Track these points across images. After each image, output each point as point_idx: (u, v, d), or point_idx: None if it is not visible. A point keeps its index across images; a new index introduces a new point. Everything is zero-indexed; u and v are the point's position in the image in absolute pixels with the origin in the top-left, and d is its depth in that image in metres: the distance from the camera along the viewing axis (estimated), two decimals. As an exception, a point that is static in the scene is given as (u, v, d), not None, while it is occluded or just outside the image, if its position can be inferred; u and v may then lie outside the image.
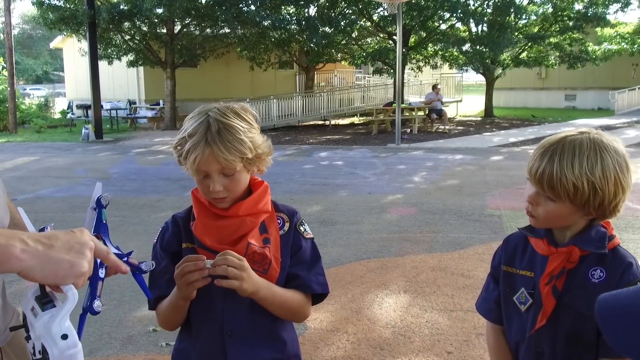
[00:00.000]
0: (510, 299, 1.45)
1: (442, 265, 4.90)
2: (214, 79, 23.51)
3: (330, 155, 12.67)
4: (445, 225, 6.24)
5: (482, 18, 20.15)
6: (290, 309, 1.48)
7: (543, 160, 1.30)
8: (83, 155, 13.40)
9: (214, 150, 1.35)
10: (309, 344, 3.47)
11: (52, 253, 0.97)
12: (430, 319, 3.81)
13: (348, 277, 4.64)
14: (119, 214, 6.99)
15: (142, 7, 17.07)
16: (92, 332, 3.64)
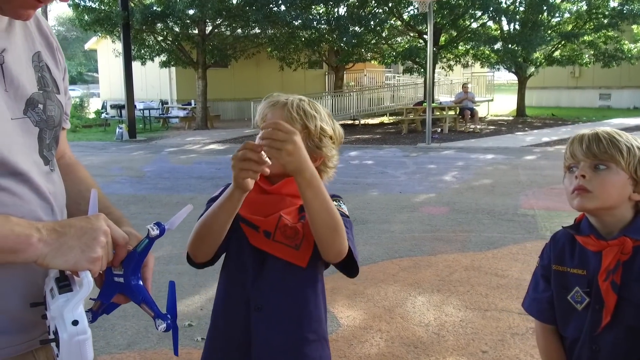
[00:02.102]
0: (565, 299, 1.43)
1: (476, 265, 4.86)
2: (245, 78, 23.69)
3: (360, 155, 12.65)
4: (478, 225, 6.18)
5: (515, 16, 19.86)
6: (337, 220, 1.34)
7: (585, 138, 1.37)
8: (117, 154, 13.64)
9: (285, 106, 1.45)
10: (343, 341, 3.48)
11: (64, 240, 1.00)
12: (464, 318, 3.78)
13: (380, 275, 4.64)
14: (153, 212, 7.11)
15: (175, 8, 17.30)
16: (130, 326, 3.72)
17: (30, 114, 1.12)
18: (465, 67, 22.76)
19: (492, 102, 24.43)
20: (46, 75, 1.20)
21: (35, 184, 1.10)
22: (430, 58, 14.41)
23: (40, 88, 1.16)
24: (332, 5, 19.92)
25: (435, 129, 16.49)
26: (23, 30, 1.17)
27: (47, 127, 1.16)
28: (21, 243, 0.96)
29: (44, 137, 1.15)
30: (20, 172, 1.07)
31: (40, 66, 1.19)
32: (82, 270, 1.00)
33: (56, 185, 1.19)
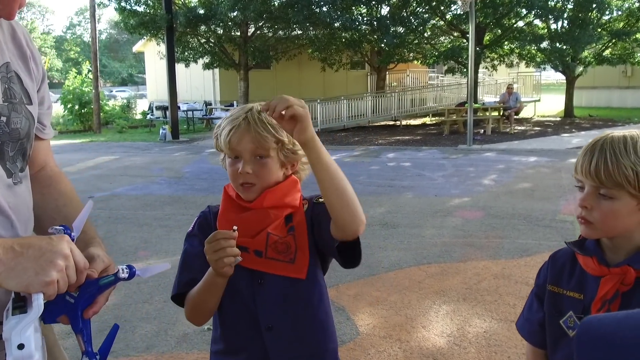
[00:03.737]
0: (557, 322, 1.33)
1: (506, 273, 4.70)
2: (287, 80, 23.79)
3: (398, 156, 12.50)
4: (513, 231, 5.99)
5: (562, 14, 19.27)
6: (350, 190, 1.28)
7: (594, 153, 1.22)
8: (159, 155, 13.89)
9: (250, 126, 1.35)
10: (360, 349, 3.41)
11: (19, 260, 0.97)
12: (488, 329, 3.65)
13: (406, 282, 4.53)
14: (187, 213, 7.18)
15: (218, 11, 17.53)
16: (150, 329, 3.74)
17: None
18: (510, 67, 22.24)
19: (539, 103, 23.80)
20: (14, 87, 1.18)
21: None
22: (472, 58, 14.12)
23: (6, 100, 1.14)
24: (374, 5, 19.79)
25: (477, 130, 16.17)
26: None
27: (10, 140, 1.14)
28: None
29: (6, 150, 1.13)
30: None
31: (9, 77, 1.17)
32: (35, 293, 0.98)
33: (19, 198, 1.17)
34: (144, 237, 6.08)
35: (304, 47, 20.43)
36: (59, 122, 22.36)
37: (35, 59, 1.27)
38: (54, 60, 60.46)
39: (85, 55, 26.46)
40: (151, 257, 5.40)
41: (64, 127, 21.76)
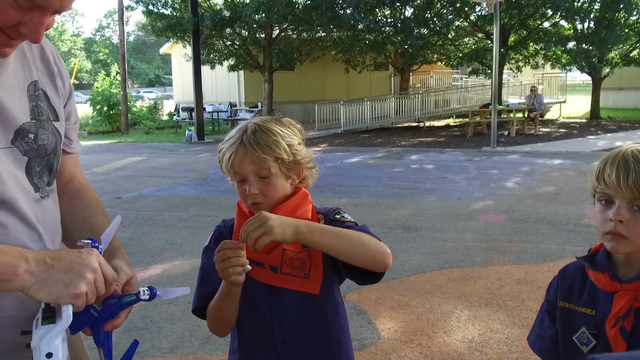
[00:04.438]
0: (570, 339, 1.31)
1: (529, 278, 4.65)
2: (311, 81, 23.85)
3: (421, 158, 12.45)
4: (536, 235, 5.92)
5: (589, 14, 18.97)
6: (357, 242, 1.33)
7: (628, 166, 1.19)
8: (185, 156, 14.04)
9: (247, 149, 1.37)
10: (381, 354, 3.41)
11: (50, 273, 1.00)
12: (510, 335, 3.62)
13: (428, 286, 4.52)
14: (212, 214, 7.26)
15: (243, 13, 17.65)
16: (175, 330, 3.80)
17: (19, 143, 1.14)
18: (535, 68, 21.97)
19: (565, 104, 23.47)
20: (42, 104, 1.21)
21: (21, 212, 1.12)
22: (497, 59, 13.99)
23: (34, 117, 1.17)
24: (398, 7, 19.72)
25: (502, 131, 16.00)
26: (21, 59, 1.19)
27: (37, 156, 1.17)
28: (7, 273, 0.98)
29: (33, 166, 1.17)
30: (6, 200, 1.09)
31: (36, 95, 1.20)
32: (65, 304, 1.01)
33: (47, 211, 1.21)
34: (169, 238, 6.16)
35: (328, 48, 20.46)
36: (88, 123, 22.73)
37: (62, 76, 1.30)
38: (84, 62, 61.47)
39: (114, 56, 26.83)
40: (176, 258, 5.46)
41: (92, 128, 22.11)
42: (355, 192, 8.59)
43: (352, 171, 10.84)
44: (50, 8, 1.04)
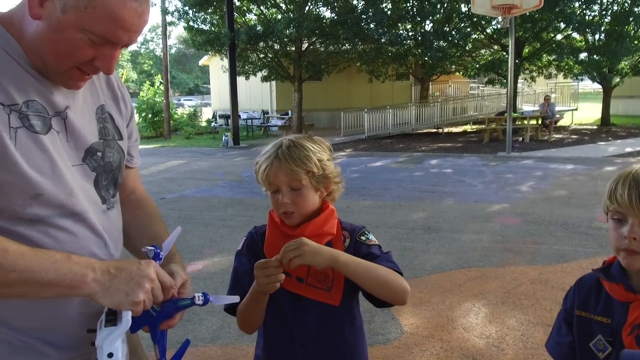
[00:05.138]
0: (587, 345, 1.31)
1: (543, 278, 4.59)
2: (337, 90, 23.86)
3: (440, 163, 12.36)
4: (550, 237, 5.84)
5: (599, 27, 18.59)
6: (382, 276, 1.37)
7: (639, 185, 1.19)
8: (222, 160, 14.18)
9: (282, 162, 1.40)
10: (404, 347, 3.41)
11: (113, 282, 1.05)
12: (526, 333, 3.58)
13: (447, 284, 4.50)
14: (247, 214, 7.32)
15: (275, 29, 17.74)
16: (215, 322, 3.85)
17: (89, 161, 1.18)
18: (548, 78, 21.62)
19: (577, 111, 23.03)
20: (108, 126, 1.26)
21: (90, 223, 1.17)
22: (512, 70, 13.80)
23: (101, 137, 1.22)
24: (419, 22, 19.62)
25: (516, 138, 15.78)
26: (89, 86, 1.23)
27: (104, 172, 1.22)
28: (77, 281, 1.02)
29: (100, 180, 1.21)
30: (78, 212, 1.14)
31: (103, 117, 1.25)
32: (125, 310, 1.05)
33: (112, 221, 1.25)
34: (209, 236, 6.24)
35: (353, 60, 20.45)
36: (134, 129, 23.06)
37: (125, 100, 1.35)
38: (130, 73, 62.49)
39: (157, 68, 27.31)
40: (215, 255, 5.53)
41: (138, 133, 22.43)
42: (378, 195, 8.58)
43: (375, 174, 10.82)
44: (120, 42, 1.09)
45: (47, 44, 1.05)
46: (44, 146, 1.08)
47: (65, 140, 1.14)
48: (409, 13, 19.45)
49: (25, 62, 1.09)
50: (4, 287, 0.98)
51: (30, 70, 1.09)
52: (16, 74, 1.07)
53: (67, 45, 1.05)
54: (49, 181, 1.08)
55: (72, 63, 1.08)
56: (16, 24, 1.09)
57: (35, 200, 1.06)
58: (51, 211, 1.09)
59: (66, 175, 1.12)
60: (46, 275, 1.00)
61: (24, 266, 0.98)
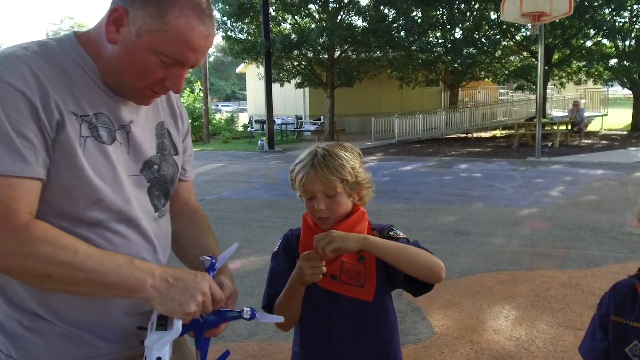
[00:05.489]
0: (622, 351, 1.29)
1: (573, 282, 4.49)
2: (368, 96, 23.80)
3: (469, 167, 12.19)
4: (580, 242, 5.70)
5: (630, 33, 18.05)
6: (414, 254, 1.36)
7: None
8: (257, 163, 14.31)
9: (318, 171, 1.42)
10: (435, 348, 3.38)
11: (170, 291, 1.08)
12: (555, 336, 3.51)
13: (477, 287, 4.44)
14: (282, 216, 7.37)
15: (309, 37, 17.82)
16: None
17: (146, 172, 1.23)
18: (577, 84, 21.11)
19: (606, 117, 22.41)
20: (166, 141, 1.30)
21: (143, 229, 1.21)
22: (541, 77, 13.52)
23: (159, 151, 1.27)
24: (449, 29, 19.42)
25: (546, 143, 15.44)
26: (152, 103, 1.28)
27: (157, 183, 1.26)
28: (137, 286, 1.07)
29: (153, 190, 1.25)
30: (133, 219, 1.18)
31: (162, 133, 1.30)
32: (176, 319, 1.08)
33: (162, 228, 1.29)
34: (246, 236, 6.30)
35: (384, 67, 20.38)
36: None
37: (182, 118, 1.40)
38: (171, 80, 63.45)
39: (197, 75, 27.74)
40: (252, 254, 5.58)
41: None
42: (408, 198, 8.52)
43: (405, 178, 10.75)
44: (189, 63, 1.14)
45: (123, 66, 1.11)
46: (108, 156, 1.13)
47: (127, 151, 1.18)
48: (439, 21, 19.28)
49: (98, 78, 1.14)
50: (72, 285, 1.03)
51: (102, 85, 1.15)
52: (89, 88, 1.13)
53: (141, 66, 1.10)
54: (110, 188, 1.12)
55: (145, 83, 1.14)
56: (92, 44, 1.15)
57: (96, 205, 1.11)
58: (109, 216, 1.14)
59: (125, 184, 1.16)
60: (109, 277, 1.04)
61: (91, 267, 1.02)
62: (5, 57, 1.04)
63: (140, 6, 1.07)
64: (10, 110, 1.00)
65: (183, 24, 1.07)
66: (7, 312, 1.14)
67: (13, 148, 0.99)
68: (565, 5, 12.21)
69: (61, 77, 1.08)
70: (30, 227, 1.00)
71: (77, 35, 1.17)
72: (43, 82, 1.05)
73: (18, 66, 1.03)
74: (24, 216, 1.00)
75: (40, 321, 1.13)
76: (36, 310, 1.12)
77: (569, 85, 21.02)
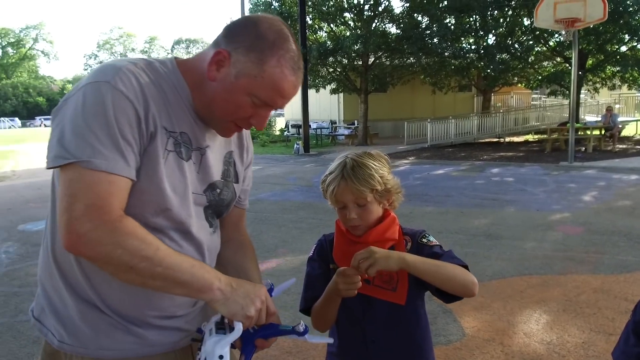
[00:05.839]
0: None
1: (606, 288, 4.36)
2: (401, 101, 23.66)
3: (501, 172, 11.97)
4: (613, 247, 5.53)
5: (666, 38, 17.40)
6: (449, 272, 1.38)
7: None
8: (293, 166, 14.40)
9: (348, 183, 1.43)
10: (466, 349, 3.35)
11: (233, 294, 1.13)
12: (587, 340, 3.43)
13: (508, 290, 4.37)
14: (316, 217, 7.40)
15: (344, 45, 17.88)
16: (288, 316, 3.91)
17: (208, 193, 1.29)
18: (612, 89, 20.45)
19: (642, 122, 21.64)
20: (230, 169, 1.37)
21: (198, 241, 1.27)
22: (575, 82, 13.17)
23: (223, 177, 1.34)
24: (482, 35, 19.13)
25: (579, 147, 15.02)
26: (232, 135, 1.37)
27: (215, 204, 1.33)
28: (206, 287, 1.12)
29: (208, 210, 1.32)
30: (190, 231, 1.25)
31: (229, 161, 1.37)
32: (237, 321, 1.13)
33: (213, 242, 1.36)
34: (282, 236, 6.36)
35: (417, 73, 20.25)
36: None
37: (248, 151, 1.46)
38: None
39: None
40: (288, 254, 5.64)
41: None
42: (440, 202, 8.43)
43: (437, 182, 10.64)
44: (275, 106, 1.23)
45: (217, 101, 1.20)
46: (184, 171, 1.21)
47: (197, 171, 1.26)
48: (472, 27, 19.03)
49: (189, 103, 1.23)
50: (149, 278, 1.09)
51: (191, 110, 1.23)
52: (180, 109, 1.22)
53: (234, 104, 1.19)
54: (178, 200, 1.19)
55: (233, 118, 1.22)
56: (190, 74, 1.24)
57: (163, 213, 1.17)
58: (171, 225, 1.20)
59: (190, 199, 1.23)
60: (183, 275, 1.10)
61: (169, 264, 1.08)
62: (118, 68, 1.13)
63: (244, 52, 1.16)
64: (120, 115, 1.08)
65: (278, 72, 1.16)
66: (64, 298, 1.21)
67: (118, 149, 1.07)
68: (599, 11, 11.86)
69: (160, 95, 1.17)
70: (122, 221, 1.07)
71: (178, 62, 1.26)
72: (147, 96, 1.14)
73: (130, 78, 1.12)
74: (117, 211, 1.08)
75: (92, 309, 1.19)
76: (91, 298, 1.18)
77: (602, 90, 20.39)
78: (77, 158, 1.05)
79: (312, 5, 19.48)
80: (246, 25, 1.19)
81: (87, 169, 1.05)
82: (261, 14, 1.23)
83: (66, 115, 1.09)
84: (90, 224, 1.03)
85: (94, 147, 1.05)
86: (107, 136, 1.07)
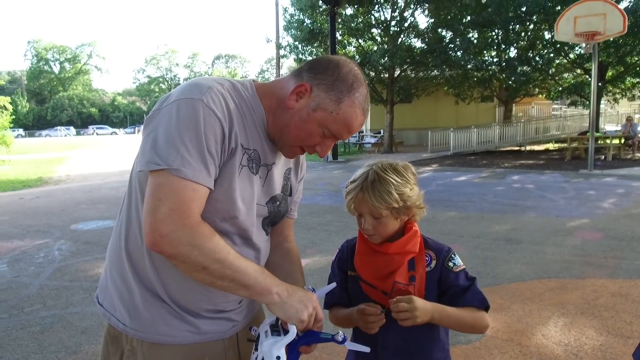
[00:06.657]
0: None
1: (624, 292, 4.21)
2: (425, 111, 23.45)
3: (522, 179, 11.71)
4: (632, 253, 5.33)
5: (687, 49, 16.75)
6: (468, 324, 1.42)
7: None
8: (323, 172, 14.42)
9: (365, 195, 1.41)
10: (485, 349, 3.28)
11: (289, 299, 1.17)
12: (604, 343, 3.31)
13: (527, 293, 4.26)
14: (343, 221, 7.37)
15: (371, 59, 17.85)
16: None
17: (270, 205, 1.34)
18: (631, 100, 19.79)
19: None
20: (288, 184, 1.41)
21: (256, 247, 1.32)
22: (595, 94, 12.80)
23: (282, 192, 1.38)
24: (504, 48, 18.81)
25: (599, 156, 14.57)
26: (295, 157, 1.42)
27: (273, 216, 1.37)
28: (266, 291, 1.16)
29: (267, 219, 1.36)
30: (251, 237, 1.29)
31: (288, 177, 1.41)
32: (292, 324, 1.16)
33: (267, 248, 1.40)
34: (311, 238, 6.37)
35: (440, 85, 20.06)
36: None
37: (302, 168, 1.50)
38: (248, 98, 65.15)
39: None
40: (316, 254, 5.63)
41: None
42: (462, 207, 8.30)
43: (459, 188, 10.48)
44: (341, 139, 1.29)
45: (291, 127, 1.25)
46: (252, 184, 1.26)
47: (262, 185, 1.31)
48: (494, 41, 18.75)
49: (262, 124, 1.28)
50: (218, 279, 1.13)
51: (263, 131, 1.28)
52: (254, 128, 1.27)
53: (306, 132, 1.25)
54: (245, 210, 1.24)
55: (301, 144, 1.28)
56: (267, 98, 1.28)
57: (231, 220, 1.22)
58: (235, 230, 1.25)
59: (255, 209, 1.28)
60: (248, 279, 1.14)
61: (237, 267, 1.13)
62: (209, 87, 1.18)
63: (325, 90, 1.22)
64: (209, 131, 1.13)
65: (351, 112, 1.23)
66: (131, 286, 1.26)
67: (203, 161, 1.12)
68: (619, 25, 11.51)
69: (240, 114, 1.22)
70: (201, 225, 1.12)
71: (256, 85, 1.31)
72: (232, 115, 1.19)
73: (219, 98, 1.17)
74: (197, 216, 1.12)
75: (155, 298, 1.24)
76: (155, 288, 1.23)
77: (622, 101, 19.75)
78: (169, 165, 1.09)
79: (341, 22, 19.53)
80: (329, 66, 1.24)
81: (175, 176, 1.09)
82: (341, 57, 1.29)
83: (160, 125, 1.14)
84: (173, 226, 1.08)
85: (184, 157, 1.10)
86: (196, 149, 1.11)
